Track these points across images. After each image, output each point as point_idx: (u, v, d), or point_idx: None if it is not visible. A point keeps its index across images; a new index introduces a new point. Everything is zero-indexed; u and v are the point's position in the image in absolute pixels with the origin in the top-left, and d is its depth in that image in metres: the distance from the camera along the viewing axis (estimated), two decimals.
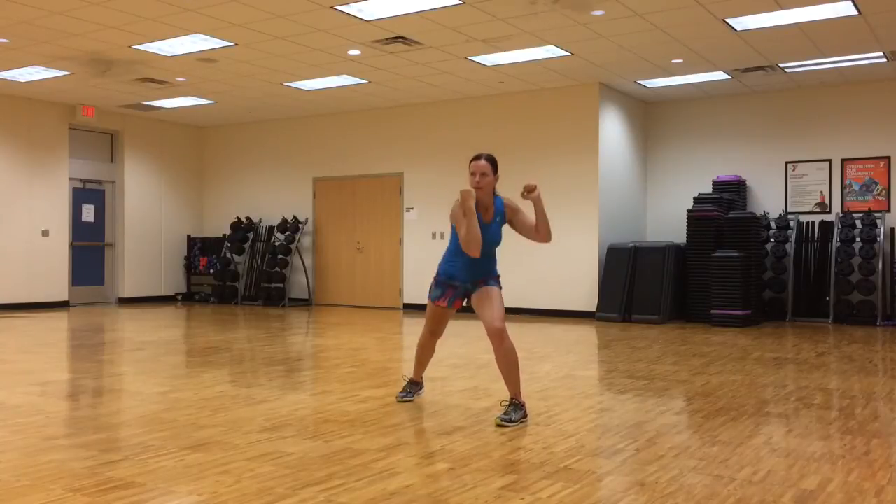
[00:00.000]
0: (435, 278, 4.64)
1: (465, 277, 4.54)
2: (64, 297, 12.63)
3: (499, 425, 4.29)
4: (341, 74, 10.40)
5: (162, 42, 8.84)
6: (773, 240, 10.82)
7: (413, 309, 12.31)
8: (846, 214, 10.47)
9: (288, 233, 13.43)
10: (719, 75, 10.24)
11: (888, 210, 10.46)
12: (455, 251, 4.55)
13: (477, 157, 4.48)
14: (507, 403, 4.45)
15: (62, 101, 12.35)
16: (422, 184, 12.35)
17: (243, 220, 14.18)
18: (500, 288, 4.59)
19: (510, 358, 4.45)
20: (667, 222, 11.90)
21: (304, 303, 13.41)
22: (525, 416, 4.43)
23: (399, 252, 12.62)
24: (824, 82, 10.62)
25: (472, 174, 4.45)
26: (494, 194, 4.55)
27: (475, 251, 4.34)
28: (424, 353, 4.95)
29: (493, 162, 4.49)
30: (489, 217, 4.51)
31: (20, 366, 6.42)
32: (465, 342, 8.04)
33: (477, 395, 5.17)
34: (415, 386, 5.04)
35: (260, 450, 3.77)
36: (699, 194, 10.73)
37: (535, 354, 7.15)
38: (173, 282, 14.35)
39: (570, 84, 10.94)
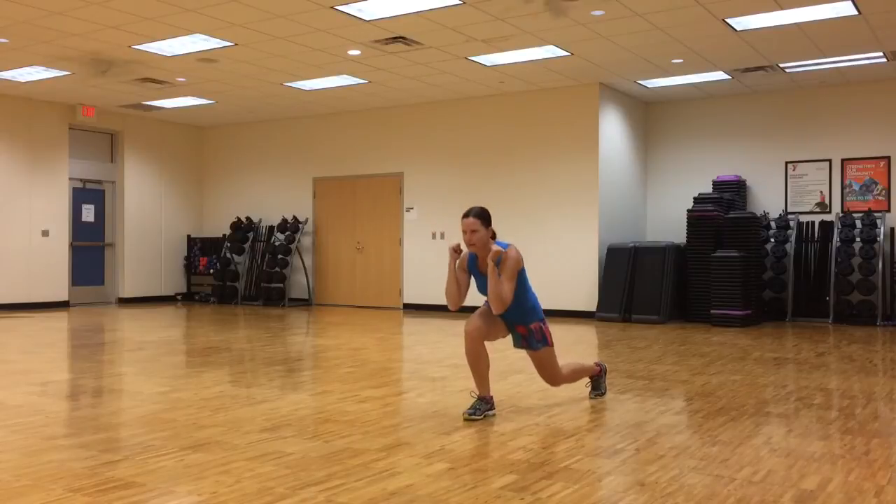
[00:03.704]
0: None
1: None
2: (64, 297, 12.63)
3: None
4: (341, 74, 10.40)
5: (162, 42, 8.84)
6: (773, 240, 10.82)
7: (413, 309, 12.31)
8: (846, 214, 10.47)
9: (288, 233, 13.43)
10: (719, 75, 10.24)
11: (888, 210, 10.45)
12: None
13: (466, 215, 4.40)
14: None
15: (62, 101, 12.35)
16: (422, 184, 12.35)
17: (243, 220, 14.18)
18: (547, 343, 4.58)
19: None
20: (667, 222, 11.90)
21: (304, 303, 13.41)
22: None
23: (399, 252, 12.62)
24: (824, 82, 10.62)
25: (464, 232, 4.40)
26: (495, 240, 4.48)
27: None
28: (473, 360, 4.53)
29: (481, 216, 4.38)
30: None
31: (20, 366, 6.42)
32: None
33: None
34: (483, 403, 4.51)
35: (260, 450, 3.77)
36: (699, 194, 10.74)
37: None
38: (173, 282, 14.36)
39: (570, 84, 10.94)
